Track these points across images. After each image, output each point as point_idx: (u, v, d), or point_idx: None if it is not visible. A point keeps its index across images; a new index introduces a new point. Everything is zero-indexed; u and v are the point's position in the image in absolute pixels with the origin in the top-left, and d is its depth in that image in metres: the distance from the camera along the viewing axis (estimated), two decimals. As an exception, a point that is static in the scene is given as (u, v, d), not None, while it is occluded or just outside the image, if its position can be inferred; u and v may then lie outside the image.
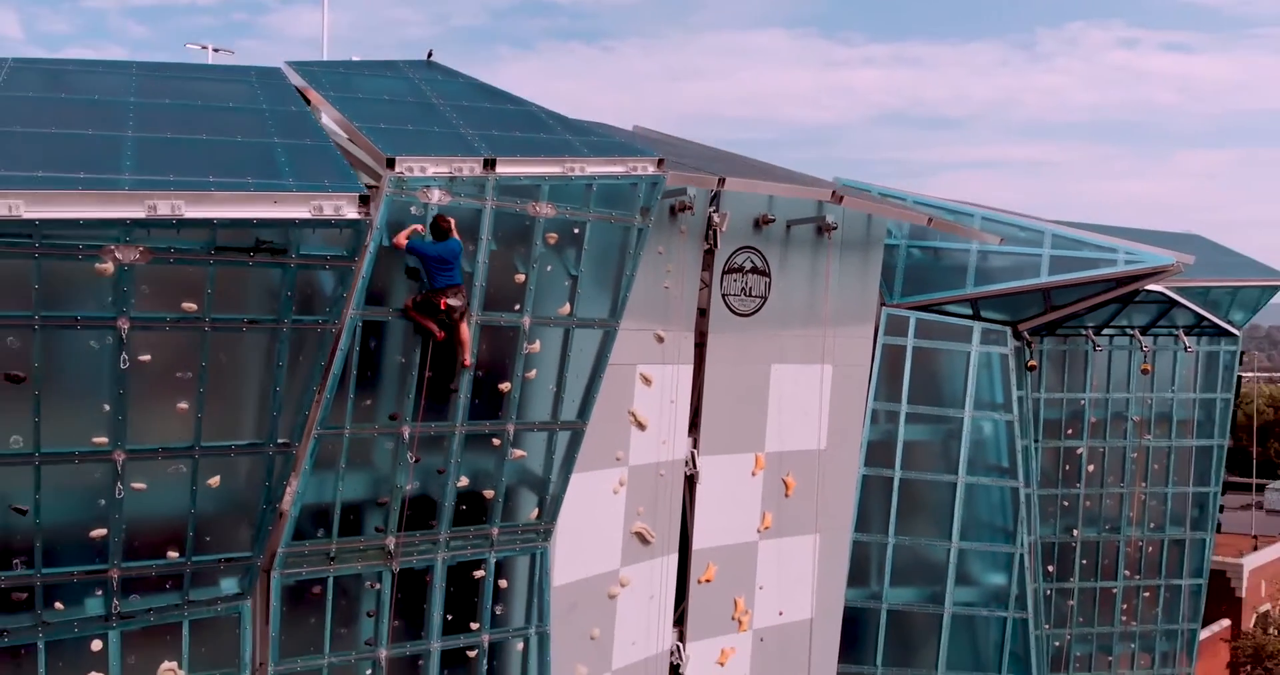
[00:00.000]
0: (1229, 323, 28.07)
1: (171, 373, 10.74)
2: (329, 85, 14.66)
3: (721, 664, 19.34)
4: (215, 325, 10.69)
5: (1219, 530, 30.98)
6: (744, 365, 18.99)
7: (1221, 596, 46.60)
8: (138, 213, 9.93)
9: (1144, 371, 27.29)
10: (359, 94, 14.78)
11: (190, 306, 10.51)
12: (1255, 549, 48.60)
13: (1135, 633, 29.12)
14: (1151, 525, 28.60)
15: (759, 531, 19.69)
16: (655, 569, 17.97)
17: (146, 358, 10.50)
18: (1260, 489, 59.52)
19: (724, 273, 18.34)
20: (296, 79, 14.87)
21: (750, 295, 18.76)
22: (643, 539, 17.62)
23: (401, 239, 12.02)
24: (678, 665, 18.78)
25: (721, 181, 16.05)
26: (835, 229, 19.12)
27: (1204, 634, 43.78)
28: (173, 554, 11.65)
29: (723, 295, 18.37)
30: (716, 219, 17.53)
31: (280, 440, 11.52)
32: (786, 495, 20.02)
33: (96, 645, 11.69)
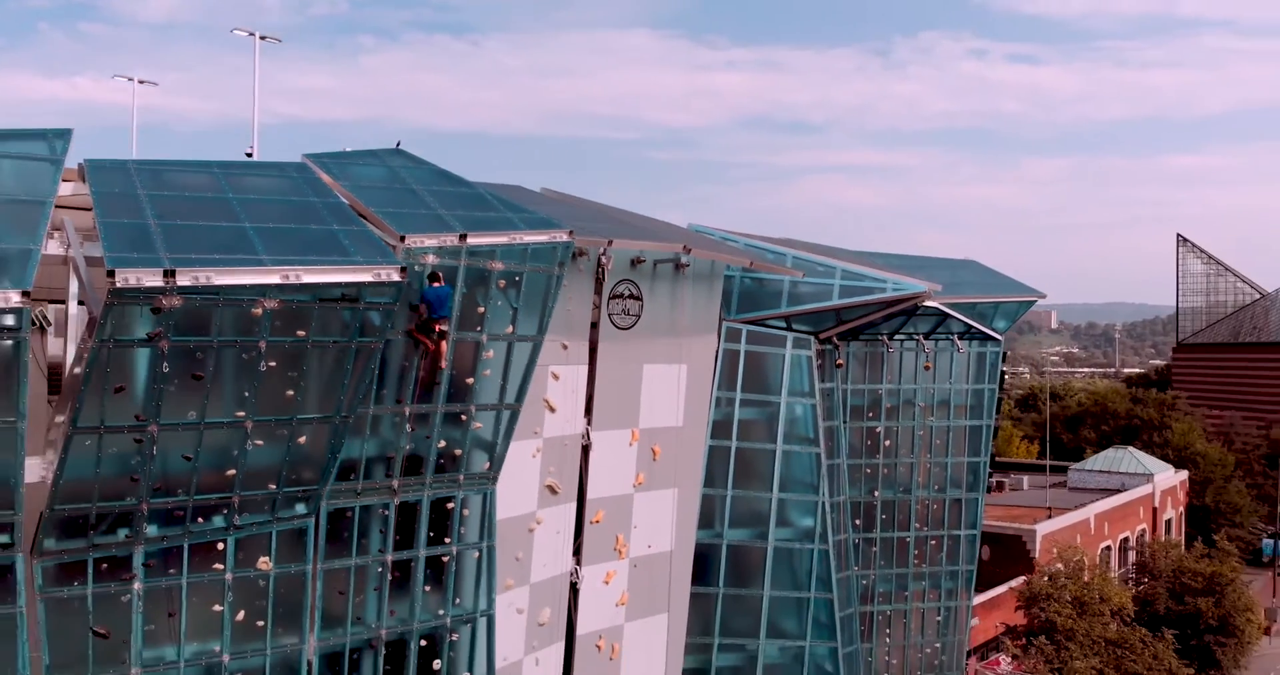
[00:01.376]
0: (993, 330, 36.67)
1: (286, 372, 18.48)
2: (338, 174, 22.52)
3: (606, 582, 27.22)
4: (315, 344, 18.49)
5: (989, 490, 39.34)
6: (624, 365, 26.86)
7: (1018, 557, 56.24)
8: (276, 280, 17.70)
9: (926, 368, 35.83)
10: (361, 183, 22.58)
11: (301, 333, 18.28)
12: (1049, 518, 58.35)
13: (925, 573, 37.17)
14: (935, 488, 36.66)
15: (634, 486, 27.45)
16: (561, 512, 25.77)
17: (274, 363, 18.24)
18: (1061, 470, 70.23)
19: (609, 298, 26.17)
20: (311, 165, 22.60)
21: (628, 314, 26.73)
22: (553, 490, 25.37)
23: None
24: (575, 582, 26.49)
25: (610, 242, 24.38)
26: (688, 266, 27.43)
27: (1002, 588, 53.39)
28: (271, 486, 19.37)
29: (608, 314, 26.27)
30: (604, 260, 25.57)
31: (344, 413, 19.40)
32: (654, 460, 27.83)
33: (220, 546, 19.31)
